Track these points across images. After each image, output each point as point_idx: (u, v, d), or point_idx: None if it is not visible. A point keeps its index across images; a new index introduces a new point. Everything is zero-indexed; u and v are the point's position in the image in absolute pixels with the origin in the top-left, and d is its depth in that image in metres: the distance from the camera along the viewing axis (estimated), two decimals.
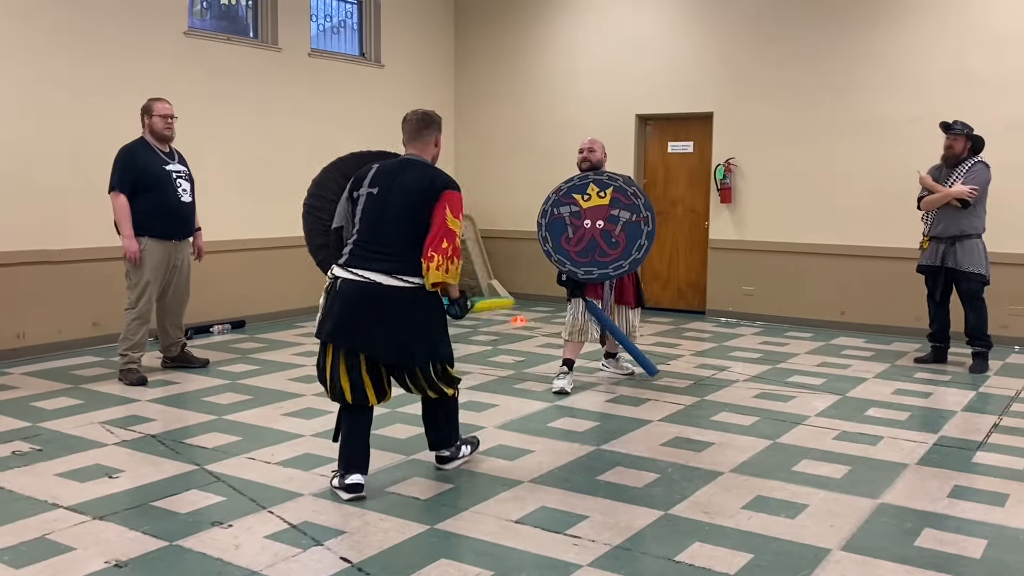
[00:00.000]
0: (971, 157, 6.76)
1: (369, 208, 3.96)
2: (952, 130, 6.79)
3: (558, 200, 6.12)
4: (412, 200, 3.93)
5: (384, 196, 3.95)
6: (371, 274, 3.87)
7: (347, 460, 4.05)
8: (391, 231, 3.91)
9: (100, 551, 3.46)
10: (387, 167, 4.08)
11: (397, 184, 3.96)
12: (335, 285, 3.95)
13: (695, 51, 9.37)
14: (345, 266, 3.94)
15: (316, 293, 9.75)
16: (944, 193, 6.68)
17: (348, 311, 3.88)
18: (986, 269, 6.72)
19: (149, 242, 6.20)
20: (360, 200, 4.00)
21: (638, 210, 6.00)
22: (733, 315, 9.37)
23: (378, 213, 3.94)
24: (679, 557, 3.46)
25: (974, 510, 4.00)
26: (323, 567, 3.35)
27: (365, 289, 3.88)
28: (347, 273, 3.91)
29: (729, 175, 9.19)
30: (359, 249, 3.93)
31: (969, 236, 6.69)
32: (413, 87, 10.41)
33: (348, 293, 3.89)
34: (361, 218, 3.97)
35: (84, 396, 5.87)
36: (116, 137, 6.46)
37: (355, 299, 3.88)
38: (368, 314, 3.88)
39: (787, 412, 5.65)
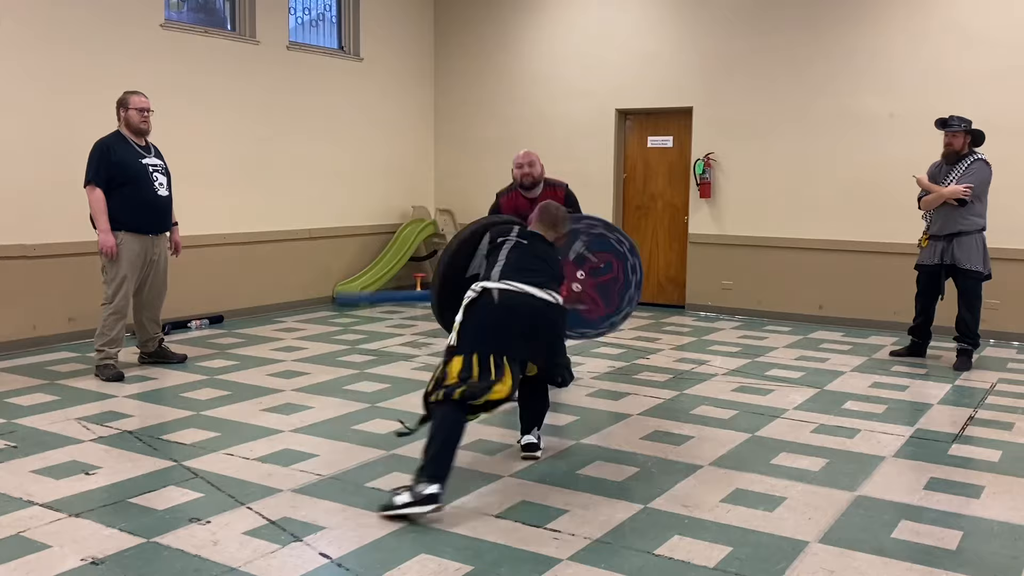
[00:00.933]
0: (972, 153, 6.67)
1: (514, 252, 4.37)
2: (949, 126, 6.67)
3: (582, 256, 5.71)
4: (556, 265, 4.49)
5: (531, 249, 4.42)
6: (525, 287, 4.19)
7: (436, 469, 3.80)
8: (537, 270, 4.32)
9: (76, 549, 3.43)
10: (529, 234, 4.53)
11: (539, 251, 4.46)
12: (483, 297, 4.17)
13: (675, 46, 9.38)
14: (501, 279, 4.21)
15: (295, 288, 9.75)
16: (940, 194, 6.63)
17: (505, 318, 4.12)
18: (984, 266, 6.66)
19: (126, 236, 6.15)
20: (505, 245, 4.41)
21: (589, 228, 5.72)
22: (712, 309, 9.41)
23: (524, 256, 4.36)
24: (658, 551, 3.47)
25: (950, 502, 4.04)
26: (302, 563, 3.33)
27: (520, 298, 4.16)
28: (502, 284, 4.19)
29: (708, 170, 9.22)
30: (509, 271, 4.26)
31: (967, 233, 6.63)
32: (392, 81, 10.37)
33: (507, 301, 4.15)
34: (507, 259, 4.33)
35: (60, 392, 5.81)
36: (92, 130, 6.39)
37: (514, 305, 4.15)
38: (523, 321, 4.16)
39: (765, 405, 5.68)
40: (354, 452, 4.65)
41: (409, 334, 8.04)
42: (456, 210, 10.62)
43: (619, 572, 3.28)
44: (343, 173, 9.81)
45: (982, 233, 6.67)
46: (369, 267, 10.08)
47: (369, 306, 9.48)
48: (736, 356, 7.21)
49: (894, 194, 8.27)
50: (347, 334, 7.99)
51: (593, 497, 4.02)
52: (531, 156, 5.89)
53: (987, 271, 6.69)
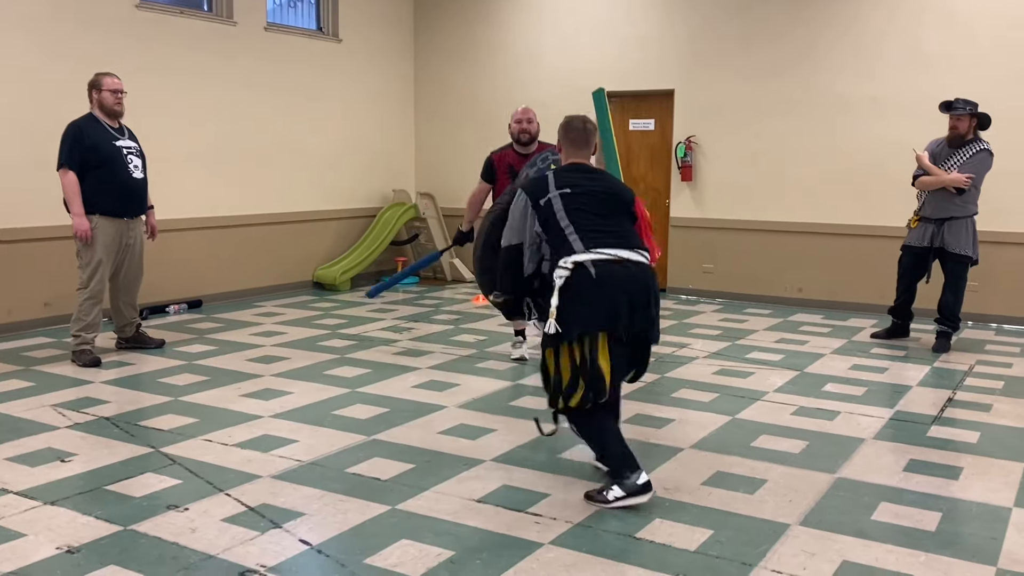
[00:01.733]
0: (977, 139, 6.57)
1: (570, 203, 3.77)
2: (954, 109, 6.54)
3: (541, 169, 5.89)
4: (614, 200, 3.89)
5: (581, 193, 3.80)
6: (630, 253, 3.72)
7: (630, 461, 3.72)
8: (600, 217, 3.78)
9: (51, 537, 3.38)
10: (567, 174, 3.90)
11: (590, 186, 3.85)
12: (577, 273, 3.65)
13: (657, 28, 9.34)
14: (599, 249, 3.67)
15: (274, 272, 9.69)
16: (939, 179, 6.53)
17: (610, 291, 3.64)
18: (973, 250, 6.63)
19: (100, 220, 6.06)
20: (554, 201, 3.77)
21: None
22: (693, 292, 9.42)
23: (581, 203, 3.78)
24: (639, 534, 3.47)
25: (929, 483, 4.06)
26: (282, 550, 3.30)
27: (616, 268, 3.68)
28: (594, 255, 3.66)
29: (690, 153, 9.21)
30: (582, 235, 3.70)
31: (959, 218, 6.58)
32: (372, 63, 10.28)
33: (604, 273, 3.65)
34: (567, 211, 3.75)
35: (35, 378, 5.74)
36: (65, 113, 6.28)
37: (614, 279, 3.66)
38: (643, 295, 3.72)
39: (746, 388, 5.69)
40: (334, 438, 4.61)
41: (390, 319, 8.00)
42: (437, 194, 10.56)
43: (601, 556, 3.27)
44: (322, 156, 9.73)
45: (973, 218, 6.64)
46: (349, 251, 10.02)
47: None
48: (717, 339, 7.22)
49: (874, 177, 8.30)
50: (327, 319, 7.94)
51: (574, 481, 4.01)
52: (529, 112, 6.13)
53: (975, 256, 6.67)
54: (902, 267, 7.01)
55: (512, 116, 6.17)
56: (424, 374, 5.97)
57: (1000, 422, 5.03)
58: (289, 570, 3.15)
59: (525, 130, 6.08)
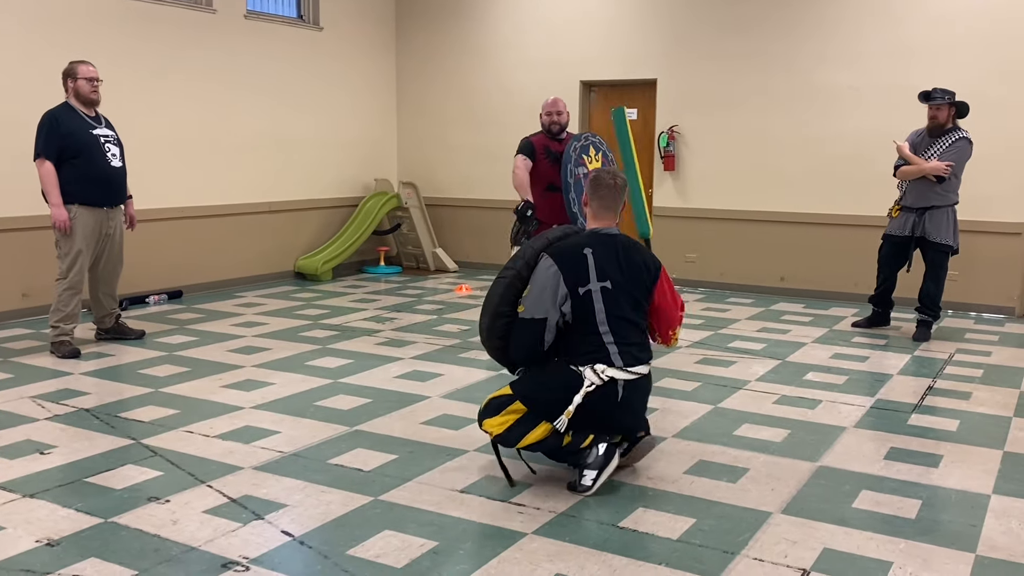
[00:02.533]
0: (956, 128, 6.61)
1: (610, 304, 3.76)
2: (933, 99, 6.58)
3: (577, 160, 5.84)
4: (643, 290, 3.88)
5: (619, 290, 3.78)
6: (640, 368, 3.81)
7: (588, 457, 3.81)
8: (632, 324, 3.83)
9: (31, 530, 3.36)
10: (603, 254, 3.81)
11: (625, 275, 3.82)
12: (608, 388, 3.73)
13: (639, 17, 9.33)
14: (624, 368, 3.75)
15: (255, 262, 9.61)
16: (919, 168, 6.57)
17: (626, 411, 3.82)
18: (954, 239, 6.67)
19: (80, 210, 6.00)
20: (595, 297, 3.74)
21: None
22: (676, 282, 9.39)
23: (619, 304, 3.78)
24: (623, 523, 3.48)
25: (909, 471, 4.09)
26: (264, 541, 3.29)
27: (636, 384, 3.82)
28: (626, 375, 3.75)
29: (672, 142, 9.21)
30: (622, 341, 3.76)
31: (939, 207, 6.63)
32: (353, 51, 10.21)
33: (629, 392, 3.78)
34: (608, 316, 3.75)
35: (13, 370, 5.68)
36: (40, 102, 6.20)
37: (633, 396, 3.81)
38: (639, 405, 3.91)
39: (728, 377, 5.71)
40: (316, 429, 4.60)
41: (372, 309, 7.97)
42: (419, 183, 10.52)
43: (584, 545, 3.28)
44: (304, 145, 9.67)
45: (954, 207, 6.69)
46: (331, 241, 9.97)
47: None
48: (699, 328, 7.24)
49: (855, 167, 8.34)
50: (309, 309, 7.90)
51: (557, 471, 4.01)
52: (560, 104, 6.10)
53: (956, 245, 6.71)
54: (882, 256, 7.05)
55: (543, 107, 6.11)
56: (407, 364, 5.95)
57: (979, 410, 5.08)
58: (271, 561, 3.14)
59: (556, 121, 6.04)
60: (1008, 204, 7.80)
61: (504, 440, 3.79)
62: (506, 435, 3.78)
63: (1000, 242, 7.87)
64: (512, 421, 3.78)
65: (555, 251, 3.81)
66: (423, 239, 10.34)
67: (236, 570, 3.07)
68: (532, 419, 3.76)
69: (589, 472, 3.74)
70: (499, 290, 3.87)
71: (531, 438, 3.75)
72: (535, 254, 3.86)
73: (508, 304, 3.85)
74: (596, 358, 3.74)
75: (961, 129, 6.64)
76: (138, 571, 3.05)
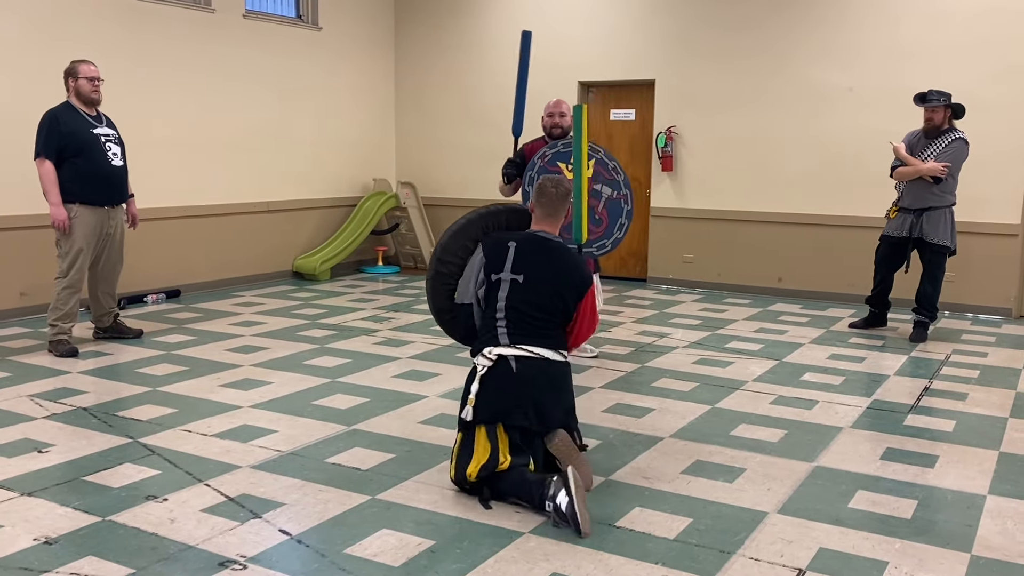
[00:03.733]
0: (952, 129, 6.61)
1: (514, 295, 3.81)
2: (929, 101, 6.58)
3: (544, 168, 5.66)
4: (561, 295, 3.84)
5: (530, 286, 3.81)
6: (542, 351, 3.76)
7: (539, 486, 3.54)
8: (532, 318, 3.80)
9: (29, 528, 3.36)
10: (527, 250, 3.88)
11: (542, 275, 3.83)
12: (499, 366, 3.72)
13: (638, 18, 9.34)
14: (511, 345, 3.75)
15: (254, 262, 9.62)
16: (916, 169, 6.58)
17: (527, 388, 3.71)
18: (952, 240, 6.68)
19: (80, 209, 6.00)
20: (503, 285, 3.83)
21: (619, 187, 5.69)
22: (674, 282, 9.46)
23: (525, 299, 3.80)
24: (619, 522, 3.49)
25: (905, 472, 4.11)
26: (262, 539, 3.30)
27: (535, 363, 3.75)
28: (515, 351, 3.73)
29: (670, 143, 9.22)
30: (515, 327, 3.78)
31: (937, 208, 6.63)
32: (352, 50, 10.21)
33: (525, 370, 3.72)
34: (507, 305, 3.81)
35: (12, 368, 5.68)
36: (41, 101, 6.21)
37: (534, 375, 3.73)
38: (544, 388, 3.76)
39: (725, 378, 5.72)
40: (314, 428, 4.61)
41: (370, 308, 7.98)
42: (419, 183, 10.53)
43: (580, 544, 3.29)
44: (302, 145, 9.67)
45: (951, 208, 6.69)
46: (329, 240, 9.98)
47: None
48: (697, 329, 7.25)
49: (853, 168, 8.35)
50: (307, 308, 7.91)
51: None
52: (562, 105, 5.90)
53: (953, 246, 6.72)
54: (879, 256, 7.06)
55: (544, 108, 5.95)
56: (404, 364, 5.96)
57: (975, 411, 5.09)
58: (269, 560, 3.14)
59: (557, 124, 5.87)
60: (1005, 205, 7.82)
61: (460, 480, 3.70)
62: (458, 476, 3.69)
63: (997, 243, 7.88)
64: (456, 456, 3.73)
65: (487, 241, 4.00)
66: (421, 239, 10.34)
67: (234, 569, 3.08)
68: (469, 442, 3.70)
69: (561, 497, 3.40)
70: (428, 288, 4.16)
71: (475, 461, 3.62)
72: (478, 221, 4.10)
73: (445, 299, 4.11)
74: (486, 342, 3.82)
75: (957, 130, 6.65)
76: (135, 569, 3.06)
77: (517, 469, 3.61)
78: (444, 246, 4.08)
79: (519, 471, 3.61)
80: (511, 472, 3.60)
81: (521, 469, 3.62)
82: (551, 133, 5.90)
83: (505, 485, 3.60)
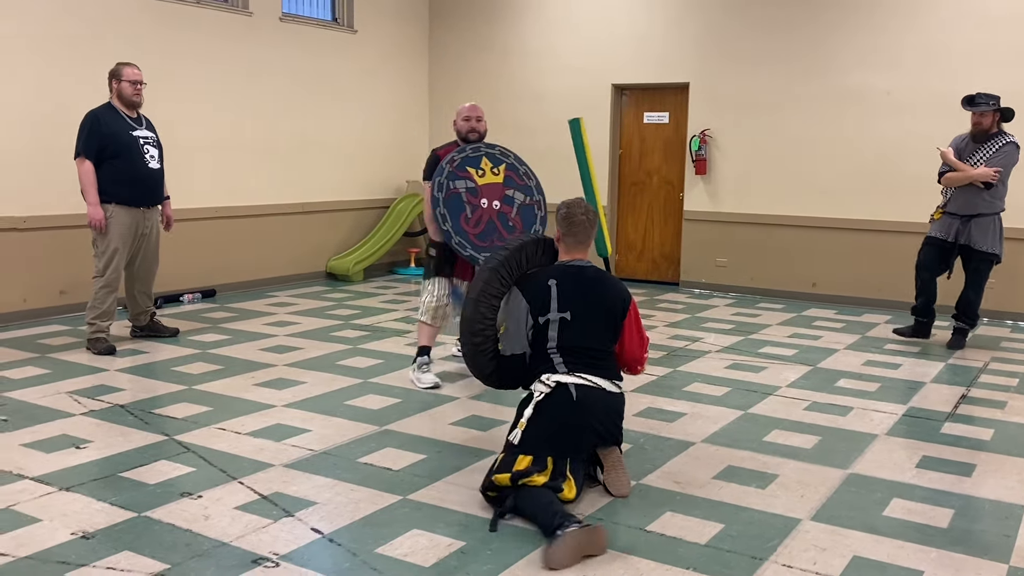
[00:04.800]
0: (1001, 132, 6.46)
1: (564, 332, 3.79)
2: (976, 105, 6.43)
3: (453, 173, 5.32)
4: (612, 318, 3.87)
5: (579, 321, 3.80)
6: (599, 380, 3.75)
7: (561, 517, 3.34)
8: (585, 350, 3.79)
9: (67, 522, 3.42)
10: (569, 286, 3.85)
11: (590, 307, 3.83)
12: (557, 394, 3.68)
13: (671, 21, 9.31)
14: (570, 373, 3.72)
15: (288, 262, 9.70)
16: (966, 175, 6.41)
17: (587, 415, 3.69)
18: (999, 248, 6.53)
19: (116, 209, 6.10)
20: (552, 325, 3.80)
21: (531, 192, 5.55)
22: (706, 286, 9.40)
23: (577, 334, 3.79)
24: (650, 527, 3.47)
25: (941, 480, 4.05)
26: (294, 538, 3.32)
27: (592, 391, 3.72)
28: (574, 379, 3.71)
29: (704, 146, 9.17)
30: (570, 359, 3.76)
31: (986, 215, 6.48)
32: (386, 54, 10.27)
33: (585, 399, 3.69)
34: (559, 344, 3.78)
35: (51, 365, 5.78)
36: (82, 102, 6.32)
37: (592, 403, 3.70)
38: (602, 416, 3.74)
39: (759, 383, 5.68)
40: (346, 427, 4.64)
41: (402, 310, 8.01)
42: None
43: (611, 548, 3.27)
44: (337, 147, 9.75)
45: (1000, 215, 6.53)
46: (363, 242, 10.04)
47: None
48: (729, 333, 7.20)
49: (889, 172, 8.26)
50: (340, 309, 7.96)
51: None
52: (478, 110, 5.62)
53: (1000, 254, 6.57)
54: (921, 260, 6.85)
55: (458, 113, 5.60)
56: (436, 365, 5.98)
57: (1014, 419, 5.01)
58: (301, 558, 3.17)
59: (474, 129, 5.55)
60: None
61: (487, 487, 3.60)
62: (486, 482, 3.62)
63: None
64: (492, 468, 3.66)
65: (526, 285, 3.91)
66: None
67: (266, 566, 3.11)
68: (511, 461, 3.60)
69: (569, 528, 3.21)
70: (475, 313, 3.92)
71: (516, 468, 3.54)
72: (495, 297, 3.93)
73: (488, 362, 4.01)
74: (543, 370, 3.78)
75: (1007, 134, 6.47)
76: (170, 565, 3.09)
77: (546, 492, 3.47)
78: (470, 319, 3.93)
79: (547, 494, 3.46)
80: (540, 492, 3.46)
81: (549, 493, 3.47)
82: (467, 138, 5.56)
83: (528, 504, 3.44)
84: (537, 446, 3.61)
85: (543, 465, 3.55)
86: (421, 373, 5.46)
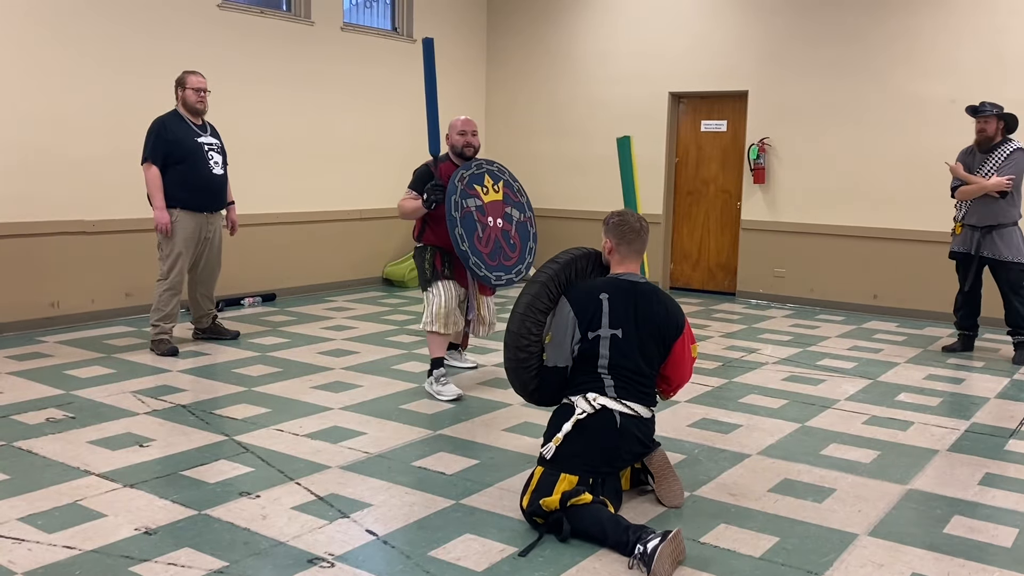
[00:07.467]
0: (1007, 140, 6.50)
1: (615, 350, 3.69)
2: (981, 112, 6.51)
3: (464, 191, 5.26)
4: (663, 337, 3.76)
5: (631, 338, 3.69)
6: (639, 408, 3.70)
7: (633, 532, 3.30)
8: (635, 371, 3.71)
9: (130, 518, 3.51)
10: (621, 301, 3.73)
11: (642, 325, 3.72)
12: (601, 417, 3.63)
13: (730, 29, 9.24)
14: (618, 400, 3.66)
15: (345, 268, 9.82)
16: (980, 186, 6.45)
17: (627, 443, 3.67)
18: None
19: (181, 214, 6.25)
20: (603, 342, 3.69)
21: (524, 209, 5.52)
22: (764, 297, 9.29)
23: (628, 353, 3.70)
24: (704, 538, 3.45)
25: (1006, 498, 3.95)
26: (349, 539, 3.37)
27: (635, 422, 3.68)
28: (621, 407, 3.65)
29: (763, 155, 9.08)
30: (619, 382, 3.68)
31: (1005, 225, 6.48)
32: (445, 63, 10.31)
33: (626, 425, 3.65)
34: (610, 363, 3.69)
35: (116, 365, 5.94)
36: (150, 109, 6.50)
37: (631, 431, 3.67)
38: (636, 444, 3.70)
39: (816, 396, 5.60)
40: (401, 431, 4.68)
41: None
42: None
43: None
44: (395, 155, 9.83)
45: (1018, 223, 6.54)
46: None
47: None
48: (787, 345, 7.11)
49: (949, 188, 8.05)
50: (396, 314, 8.04)
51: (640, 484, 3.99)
52: (473, 124, 5.51)
53: None
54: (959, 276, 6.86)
55: (452, 127, 5.48)
56: (489, 371, 6.01)
57: None
58: (356, 559, 3.21)
59: (469, 143, 5.44)
60: None
61: (533, 512, 3.47)
62: (531, 507, 3.48)
63: None
64: (532, 490, 3.54)
65: (574, 295, 3.79)
66: None
67: (322, 566, 3.15)
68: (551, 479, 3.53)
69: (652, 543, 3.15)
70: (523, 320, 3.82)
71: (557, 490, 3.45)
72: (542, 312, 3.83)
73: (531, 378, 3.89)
74: (590, 388, 3.69)
75: (1013, 140, 6.50)
76: (229, 563, 3.16)
77: (596, 506, 3.41)
78: (516, 333, 3.82)
79: (603, 510, 3.40)
80: (597, 509, 3.40)
81: (600, 507, 3.41)
82: (463, 153, 5.43)
83: (591, 523, 3.35)
84: (571, 465, 3.55)
85: (587, 482, 3.53)
86: (440, 386, 5.35)
